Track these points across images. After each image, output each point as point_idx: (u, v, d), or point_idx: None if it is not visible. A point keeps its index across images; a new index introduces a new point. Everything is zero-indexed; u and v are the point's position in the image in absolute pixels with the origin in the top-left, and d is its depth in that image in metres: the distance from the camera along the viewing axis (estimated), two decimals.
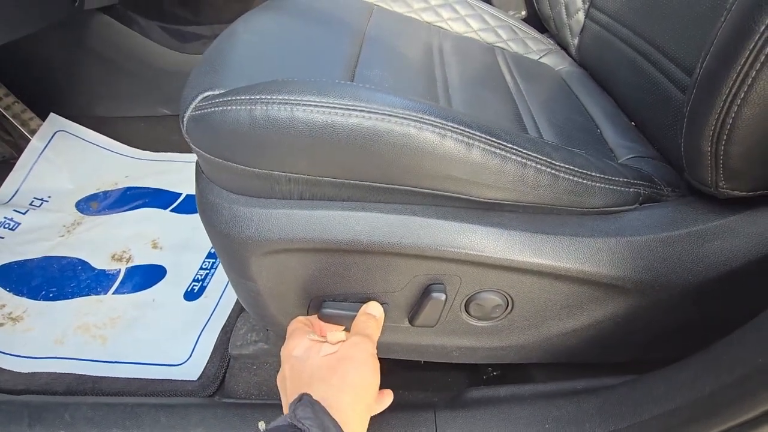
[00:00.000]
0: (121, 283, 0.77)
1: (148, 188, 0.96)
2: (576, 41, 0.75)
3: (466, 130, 0.34)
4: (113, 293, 0.75)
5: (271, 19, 0.56)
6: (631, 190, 0.41)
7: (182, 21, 1.03)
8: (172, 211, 0.92)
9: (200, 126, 0.36)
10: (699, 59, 0.36)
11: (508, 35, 0.77)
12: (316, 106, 0.32)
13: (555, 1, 0.75)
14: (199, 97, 0.36)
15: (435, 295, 0.40)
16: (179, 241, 0.84)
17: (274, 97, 0.33)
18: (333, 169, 0.35)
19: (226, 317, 0.68)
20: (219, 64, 0.41)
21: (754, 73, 0.30)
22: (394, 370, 0.60)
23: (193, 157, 0.42)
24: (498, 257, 0.38)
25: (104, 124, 1.05)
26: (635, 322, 0.43)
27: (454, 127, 0.33)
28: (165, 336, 0.68)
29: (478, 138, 0.34)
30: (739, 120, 0.32)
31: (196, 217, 0.48)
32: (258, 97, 0.33)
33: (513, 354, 0.48)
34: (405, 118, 0.32)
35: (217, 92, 0.36)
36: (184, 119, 0.37)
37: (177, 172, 0.99)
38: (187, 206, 0.92)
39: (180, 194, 0.95)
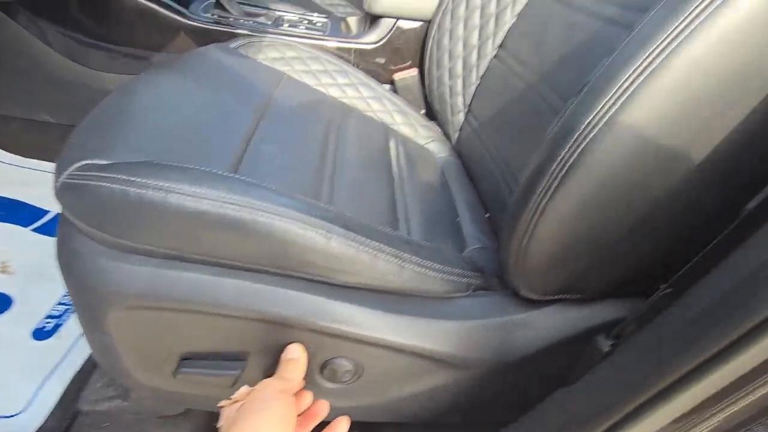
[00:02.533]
0: None
1: (6, 199, 0.84)
2: (455, 135, 0.88)
3: (327, 225, 0.40)
4: None
5: (174, 80, 0.59)
6: (464, 280, 0.50)
7: (88, 33, 0.98)
8: (34, 230, 0.81)
9: (74, 194, 0.37)
10: None
11: (402, 120, 0.89)
12: (188, 195, 0.36)
13: (443, 100, 0.89)
14: (78, 164, 0.38)
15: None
16: (36, 268, 0.74)
17: (150, 182, 0.36)
18: (201, 248, 0.39)
19: (81, 365, 0.64)
20: (108, 128, 0.43)
21: (541, 208, 0.40)
22: None
23: None
24: (352, 332, 0.44)
25: None
26: (461, 390, 0.52)
27: (315, 222, 0.40)
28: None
29: (336, 232, 0.41)
30: (534, 241, 0.43)
31: None
32: (134, 179, 0.36)
33: (360, 414, 0.53)
34: (272, 213, 0.38)
35: (97, 162, 0.38)
36: (58, 182, 0.38)
37: (47, 184, 0.90)
38: (55, 228, 0.84)
39: (47, 212, 0.85)
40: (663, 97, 0.32)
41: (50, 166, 1.03)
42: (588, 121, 0.35)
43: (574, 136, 0.36)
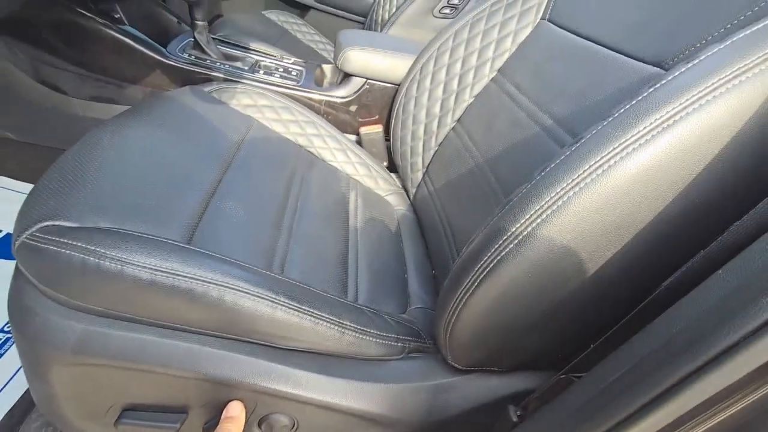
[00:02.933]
0: None
1: None
2: (413, 191, 0.95)
3: (272, 296, 0.44)
4: None
5: (141, 127, 0.61)
6: (399, 344, 0.55)
7: (59, 56, 0.99)
8: None
9: (32, 255, 0.40)
10: None
11: (365, 172, 0.95)
12: (143, 267, 0.40)
13: (404, 157, 0.96)
14: (38, 226, 0.40)
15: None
16: None
17: (108, 252, 0.39)
18: (153, 313, 0.42)
19: (18, 398, 0.64)
20: (69, 185, 0.46)
21: (467, 296, 0.46)
22: None
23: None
24: (291, 392, 0.48)
25: None
26: None
27: (262, 294, 0.44)
28: None
29: (281, 303, 0.45)
30: (458, 323, 0.48)
31: (11, 265, 0.44)
32: (93, 248, 0.39)
33: None
34: (223, 286, 0.42)
35: (58, 224, 0.41)
36: (17, 242, 0.40)
37: (2, 202, 0.87)
38: (5, 249, 0.81)
39: None
40: (576, 220, 0.37)
41: (7, 182, 1.02)
42: (513, 229, 0.41)
43: (499, 241, 0.42)
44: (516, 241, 0.39)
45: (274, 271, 0.52)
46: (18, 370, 0.69)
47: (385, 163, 1.04)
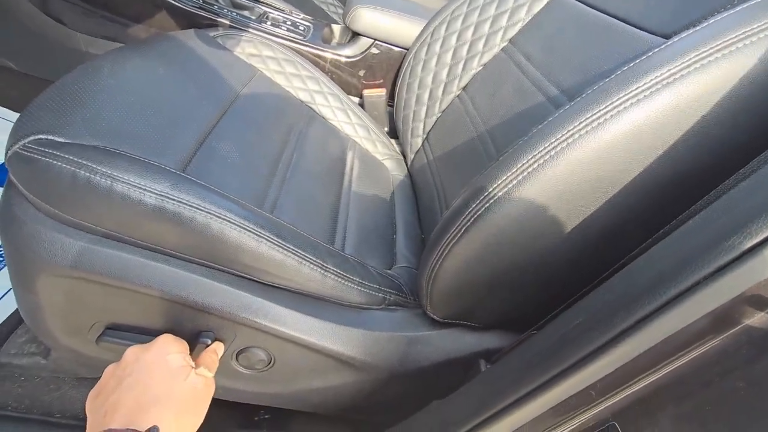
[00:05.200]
0: None
1: None
2: (411, 157, 0.95)
3: (258, 230, 0.45)
4: None
5: (143, 62, 0.61)
6: (380, 295, 0.57)
7: None
8: None
9: (24, 165, 0.40)
10: None
11: (364, 134, 0.95)
12: (133, 185, 0.40)
13: (406, 123, 0.95)
14: (31, 138, 0.41)
15: (203, 339, 0.48)
16: None
17: (99, 168, 0.39)
18: (138, 233, 0.43)
19: (4, 318, 0.65)
20: (67, 105, 0.46)
21: (448, 250, 0.47)
22: None
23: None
24: (269, 326, 0.49)
25: None
26: (359, 390, 0.58)
27: (248, 226, 0.44)
28: None
29: (266, 237, 0.46)
30: (441, 271, 0.50)
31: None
32: (84, 162, 0.39)
33: (270, 399, 0.59)
34: (210, 213, 0.42)
35: (52, 138, 0.41)
36: (10, 152, 0.41)
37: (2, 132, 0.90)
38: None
39: None
40: (566, 172, 0.37)
41: (6, 112, 1.01)
42: (496, 184, 0.41)
43: (482, 194, 0.42)
44: (506, 188, 0.39)
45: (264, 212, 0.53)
46: (6, 292, 0.70)
47: (386, 129, 1.04)
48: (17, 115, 1.00)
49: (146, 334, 0.49)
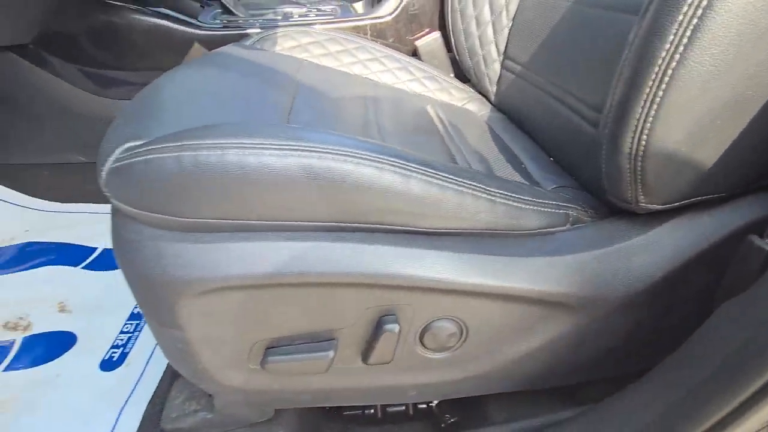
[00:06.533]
0: (15, 356, 0.66)
1: (53, 243, 0.86)
2: (494, 89, 0.82)
3: (403, 163, 0.35)
4: (4, 370, 0.64)
5: (197, 74, 0.56)
6: (561, 212, 0.44)
7: (103, 65, 0.98)
8: (84, 268, 0.82)
9: (121, 178, 0.33)
10: (608, 95, 0.40)
11: (434, 86, 0.83)
12: (248, 147, 0.31)
13: (474, 53, 0.83)
14: (120, 149, 0.34)
15: (388, 327, 0.39)
16: (93, 302, 0.74)
17: (203, 142, 0.32)
18: (269, 212, 0.34)
19: (156, 386, 0.60)
20: (142, 115, 0.40)
21: (661, 93, 0.34)
22: (351, 428, 0.56)
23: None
24: (449, 280, 0.38)
25: (5, 172, 0.95)
26: (581, 340, 0.44)
27: (391, 161, 0.34)
28: (74, 418, 0.57)
29: (415, 170, 0.35)
30: (652, 137, 0.36)
31: (115, 274, 0.43)
32: (185, 143, 0.32)
33: (470, 386, 0.47)
34: (342, 155, 0.33)
35: (140, 143, 0.34)
36: (103, 173, 0.34)
37: (91, 224, 0.90)
38: (105, 262, 0.82)
39: (94, 249, 0.86)
40: None
41: (90, 207, 1.03)
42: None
43: (678, 18, 0.29)
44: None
45: None
46: (148, 360, 0.66)
47: (452, 74, 0.92)
48: (102, 206, 1.02)
49: (313, 340, 0.39)
